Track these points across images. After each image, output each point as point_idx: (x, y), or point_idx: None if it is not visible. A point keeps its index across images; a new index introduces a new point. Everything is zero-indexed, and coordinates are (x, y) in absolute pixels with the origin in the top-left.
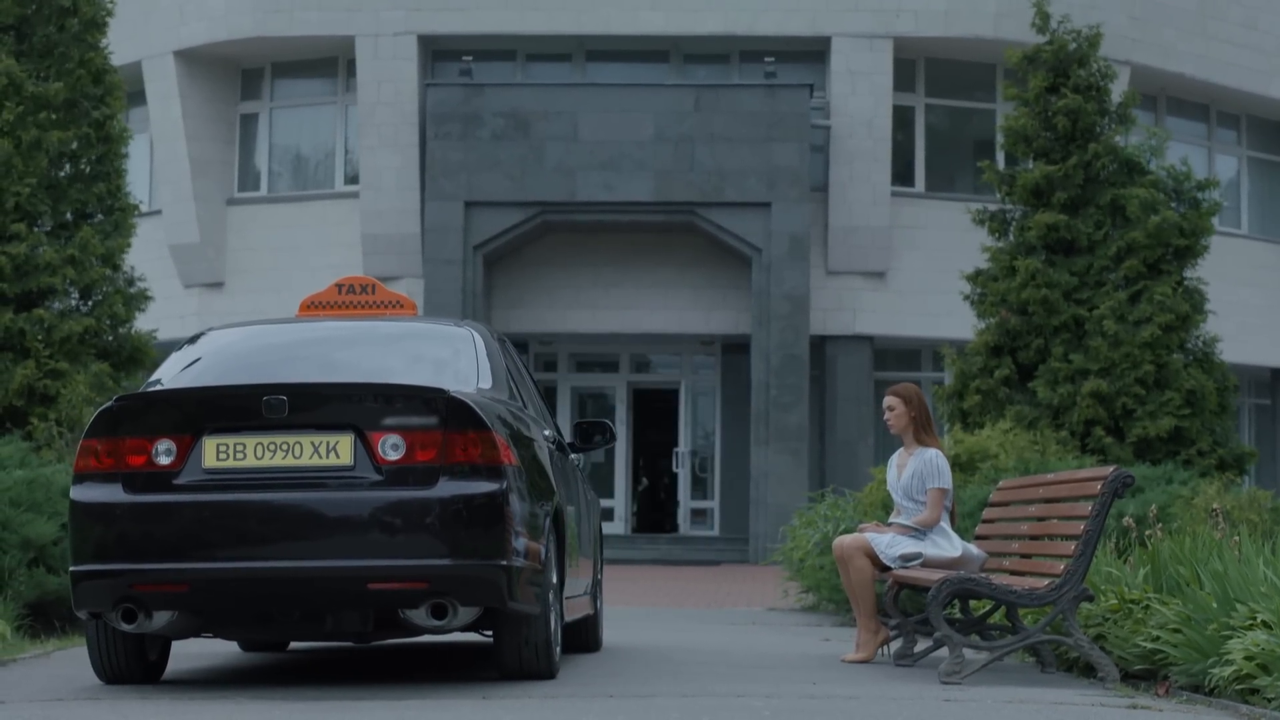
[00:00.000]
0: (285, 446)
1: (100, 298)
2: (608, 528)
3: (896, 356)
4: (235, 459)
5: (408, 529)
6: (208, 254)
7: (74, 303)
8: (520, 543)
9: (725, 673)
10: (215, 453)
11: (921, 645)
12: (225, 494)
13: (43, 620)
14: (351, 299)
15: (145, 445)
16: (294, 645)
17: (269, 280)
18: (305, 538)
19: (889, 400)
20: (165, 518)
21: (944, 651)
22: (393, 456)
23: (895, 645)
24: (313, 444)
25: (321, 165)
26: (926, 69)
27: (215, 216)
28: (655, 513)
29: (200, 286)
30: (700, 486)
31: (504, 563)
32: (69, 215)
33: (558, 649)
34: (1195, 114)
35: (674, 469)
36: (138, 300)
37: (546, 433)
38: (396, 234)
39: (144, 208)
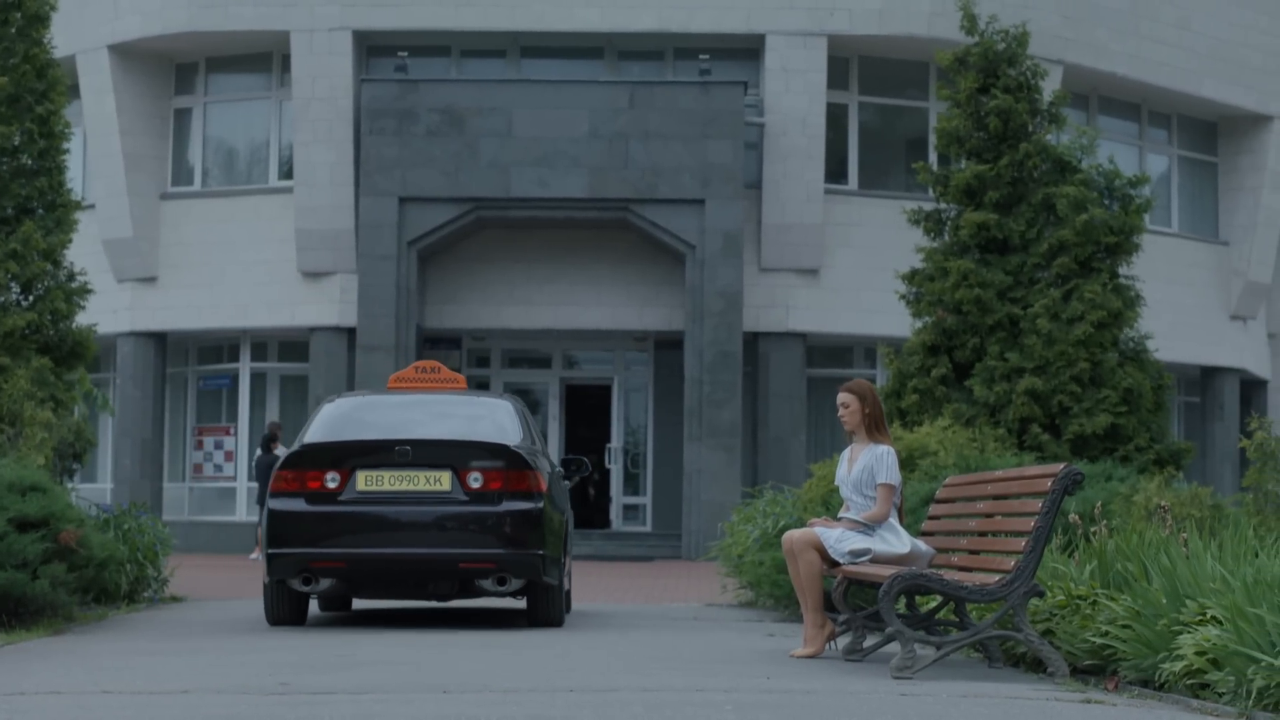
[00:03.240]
0: (408, 478)
1: (41, 292)
2: None
3: (829, 353)
4: (377, 485)
5: (483, 530)
6: (141, 248)
7: (15, 297)
8: (548, 540)
9: (679, 666)
10: (364, 481)
11: (870, 640)
12: (370, 506)
13: None
14: (424, 377)
15: (320, 475)
16: (356, 606)
17: (202, 275)
18: (420, 534)
19: (843, 397)
20: (332, 520)
21: (892, 647)
22: (474, 485)
23: (843, 640)
24: (425, 476)
25: (256, 160)
26: (860, 67)
27: (149, 211)
28: (585, 509)
29: (133, 281)
30: (632, 482)
31: (540, 553)
32: (10, 210)
33: (564, 608)
34: (1127, 113)
35: (606, 465)
36: (79, 295)
37: (558, 469)
38: (331, 229)
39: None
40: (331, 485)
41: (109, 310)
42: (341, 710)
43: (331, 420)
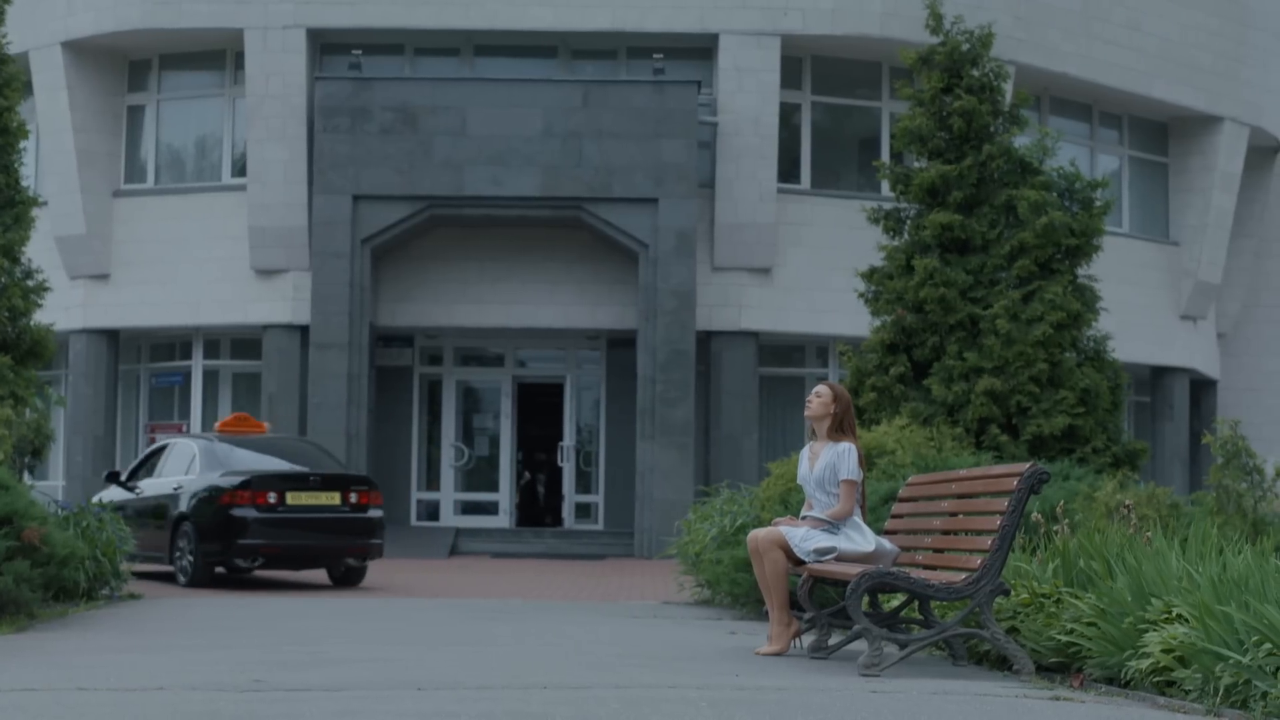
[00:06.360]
0: (316, 496)
1: None
2: (492, 521)
3: (781, 352)
4: (299, 500)
5: (359, 529)
6: (94, 246)
7: None
8: (383, 534)
9: (646, 664)
10: (291, 498)
11: (835, 638)
12: (295, 513)
13: None
14: (242, 425)
15: (265, 494)
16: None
17: (155, 272)
18: (323, 532)
19: (820, 389)
20: (273, 523)
21: (857, 644)
22: (354, 500)
23: (808, 638)
24: (326, 495)
25: (209, 158)
26: (813, 67)
27: (101, 208)
28: (534, 507)
29: (86, 278)
30: (584, 481)
31: (379, 542)
32: None
33: None
34: (1078, 114)
35: (559, 463)
36: (37, 293)
37: None
38: (284, 227)
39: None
40: (272, 500)
41: (61, 307)
42: (320, 707)
43: (220, 456)
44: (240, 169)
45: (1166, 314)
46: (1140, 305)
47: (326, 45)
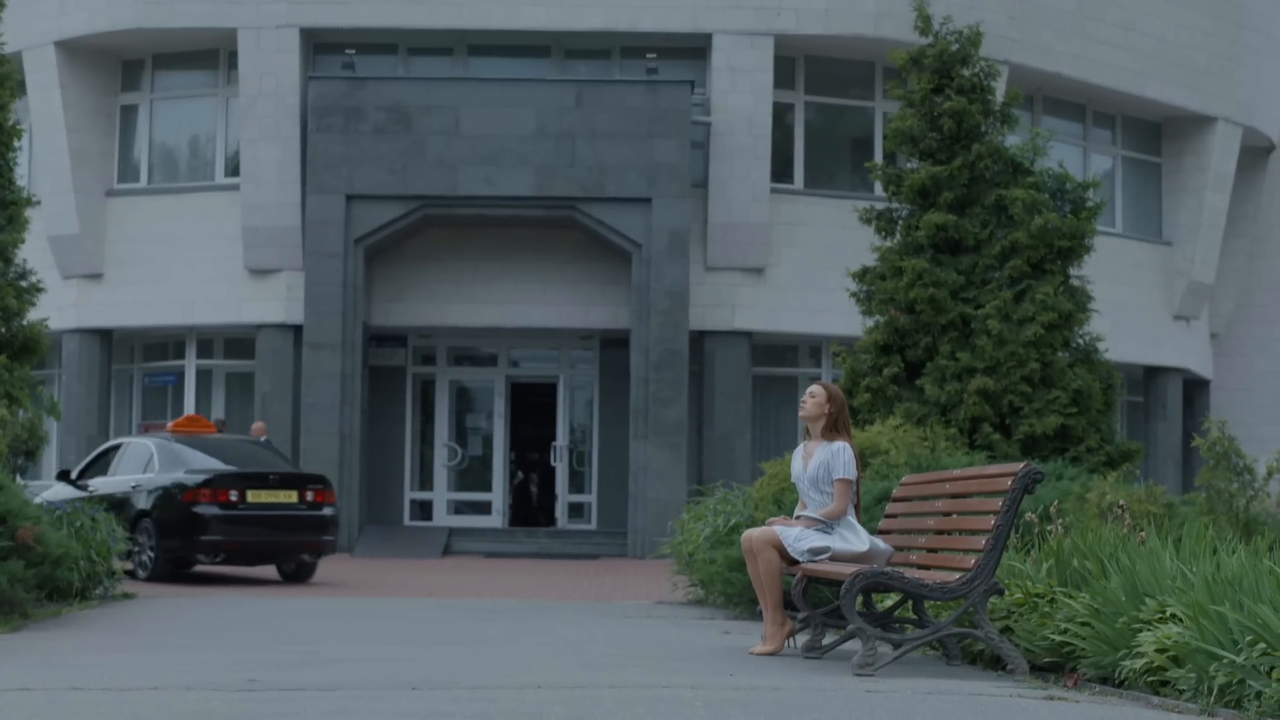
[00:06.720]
0: (275, 494)
1: None
2: (486, 521)
3: (774, 352)
4: (259, 498)
5: (315, 526)
6: (87, 245)
7: None
8: (336, 530)
9: (640, 663)
10: (252, 496)
11: (828, 638)
12: (256, 511)
13: None
14: (194, 424)
15: (227, 492)
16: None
17: (148, 272)
18: (282, 529)
19: (815, 388)
20: (235, 520)
21: (851, 644)
22: (310, 499)
23: (802, 638)
24: (284, 493)
25: (202, 157)
26: (806, 67)
27: (95, 208)
28: (527, 507)
29: (79, 278)
30: (577, 480)
31: (332, 538)
32: None
33: None
34: (1072, 114)
35: (552, 463)
36: (30, 293)
37: None
38: (277, 227)
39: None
40: (234, 498)
41: (55, 307)
42: (315, 706)
43: (177, 455)
44: (233, 169)
45: (1160, 314)
46: (1133, 305)
47: (320, 45)
